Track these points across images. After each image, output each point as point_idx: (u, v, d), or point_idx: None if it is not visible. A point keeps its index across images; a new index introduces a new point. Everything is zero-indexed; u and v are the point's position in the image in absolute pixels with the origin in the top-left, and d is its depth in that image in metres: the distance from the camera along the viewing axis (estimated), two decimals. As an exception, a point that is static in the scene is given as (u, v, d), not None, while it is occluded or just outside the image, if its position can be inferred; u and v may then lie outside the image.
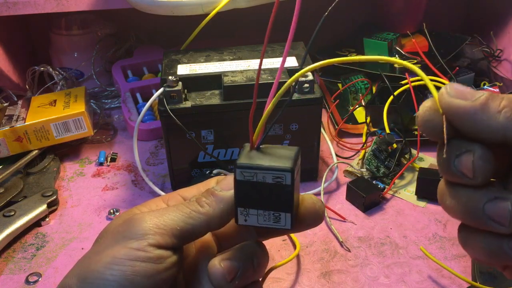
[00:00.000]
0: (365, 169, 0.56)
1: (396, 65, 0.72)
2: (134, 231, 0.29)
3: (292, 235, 0.49)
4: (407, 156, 0.57)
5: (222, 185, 0.31)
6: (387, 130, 0.59)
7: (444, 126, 0.23)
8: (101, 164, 0.61)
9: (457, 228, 0.26)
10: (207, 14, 0.57)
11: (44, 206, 0.52)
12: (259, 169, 0.28)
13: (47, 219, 0.52)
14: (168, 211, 0.30)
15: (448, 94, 0.23)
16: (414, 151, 0.56)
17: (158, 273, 0.28)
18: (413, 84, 0.60)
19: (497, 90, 0.72)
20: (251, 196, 0.29)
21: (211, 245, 0.33)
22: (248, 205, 0.29)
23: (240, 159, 0.28)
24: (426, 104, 0.24)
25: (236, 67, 0.52)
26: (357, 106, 0.67)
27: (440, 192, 0.25)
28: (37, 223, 0.51)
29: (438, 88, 0.24)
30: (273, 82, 0.49)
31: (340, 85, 0.73)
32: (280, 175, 0.28)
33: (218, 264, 0.29)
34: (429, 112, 0.24)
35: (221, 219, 0.30)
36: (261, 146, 0.30)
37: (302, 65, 0.36)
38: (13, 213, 0.50)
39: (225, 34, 0.79)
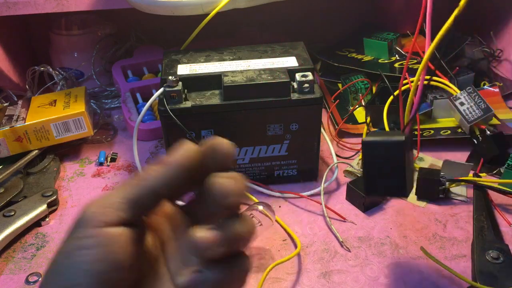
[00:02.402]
0: (365, 169, 0.56)
1: (396, 65, 0.72)
2: (77, 220, 0.28)
3: (293, 234, 0.49)
4: (407, 156, 0.57)
5: (174, 154, 0.29)
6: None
7: None
8: (101, 164, 0.61)
9: None
10: (207, 14, 0.57)
11: (44, 206, 0.52)
12: None
13: (47, 219, 0.52)
14: (115, 190, 0.29)
15: None
16: (414, 151, 0.56)
17: (114, 253, 0.27)
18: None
19: (497, 90, 0.72)
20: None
21: (181, 224, 0.33)
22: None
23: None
24: None
25: (236, 67, 0.53)
26: (357, 106, 0.67)
27: None
28: (37, 223, 0.51)
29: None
30: (273, 82, 0.49)
31: (340, 85, 0.73)
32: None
33: (199, 231, 0.28)
34: None
35: (167, 183, 0.29)
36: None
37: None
38: (13, 213, 0.50)
39: (225, 34, 0.79)
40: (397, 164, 0.37)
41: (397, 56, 0.74)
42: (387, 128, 0.59)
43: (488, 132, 0.57)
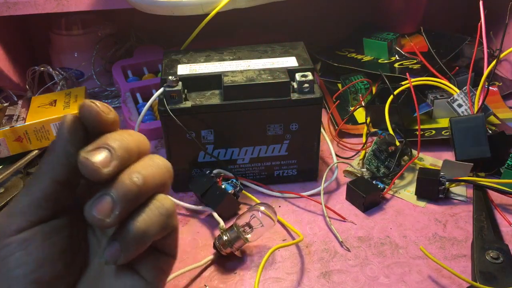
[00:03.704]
0: (365, 169, 0.56)
1: (395, 65, 0.72)
2: None
3: (294, 228, 0.49)
4: (407, 157, 0.57)
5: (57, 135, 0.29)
6: (390, 130, 0.59)
7: None
8: (101, 164, 0.61)
9: None
10: (207, 14, 0.57)
11: (44, 206, 0.52)
12: None
13: (47, 219, 0.52)
14: (20, 193, 0.29)
15: None
16: (414, 152, 0.56)
17: (32, 254, 0.28)
18: (413, 84, 0.60)
19: (496, 89, 0.72)
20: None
21: None
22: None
23: None
24: None
25: (236, 67, 0.53)
26: (358, 106, 0.67)
27: None
28: (37, 223, 0.51)
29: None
30: (273, 82, 0.50)
31: (340, 85, 0.73)
32: None
33: (84, 153, 0.26)
34: None
35: (61, 165, 0.28)
36: None
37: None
38: (13, 213, 0.50)
39: (225, 34, 0.79)
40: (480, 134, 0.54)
41: (396, 56, 0.74)
42: (389, 128, 0.59)
43: (490, 132, 0.57)
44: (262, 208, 0.45)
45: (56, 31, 0.76)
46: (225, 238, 0.45)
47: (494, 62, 0.59)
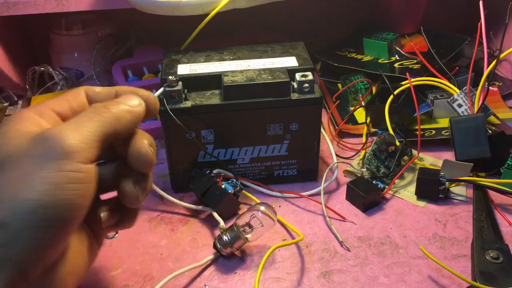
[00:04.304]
0: (365, 169, 0.56)
1: (395, 65, 0.72)
2: (58, 150, 0.27)
3: (294, 228, 0.49)
4: (407, 157, 0.57)
5: (135, 100, 0.33)
6: (390, 130, 0.59)
7: None
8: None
9: None
10: (207, 14, 0.57)
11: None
12: None
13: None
14: (82, 122, 0.29)
15: None
16: (414, 152, 0.57)
17: (91, 189, 0.28)
18: (413, 84, 0.60)
19: (496, 89, 0.72)
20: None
21: None
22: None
23: None
24: None
25: (236, 67, 0.53)
26: (358, 106, 0.67)
27: None
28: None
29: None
30: (273, 82, 0.50)
31: (340, 85, 0.73)
32: None
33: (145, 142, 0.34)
34: None
35: (127, 126, 0.32)
36: None
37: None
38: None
39: (225, 34, 0.79)
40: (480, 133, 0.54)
41: (396, 56, 0.74)
42: (389, 128, 0.59)
43: (490, 132, 0.57)
44: (262, 208, 0.45)
45: (56, 31, 0.76)
46: (225, 238, 0.45)
47: (494, 62, 0.59)
